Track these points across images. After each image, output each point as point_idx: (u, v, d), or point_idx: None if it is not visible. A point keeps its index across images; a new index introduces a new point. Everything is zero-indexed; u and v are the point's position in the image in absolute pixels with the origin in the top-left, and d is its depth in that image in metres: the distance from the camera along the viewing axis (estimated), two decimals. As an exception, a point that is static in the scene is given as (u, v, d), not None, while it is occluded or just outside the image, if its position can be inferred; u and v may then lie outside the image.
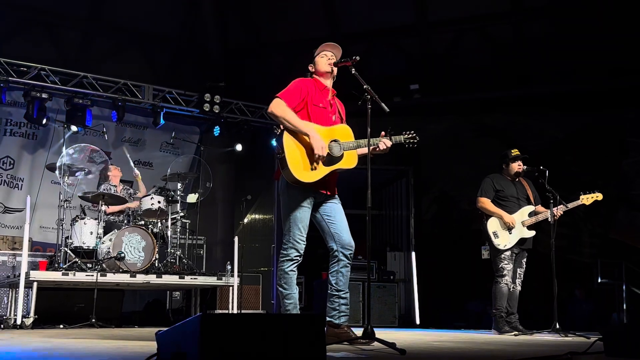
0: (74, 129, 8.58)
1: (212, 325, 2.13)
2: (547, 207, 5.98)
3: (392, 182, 10.40)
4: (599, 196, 5.89)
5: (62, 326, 6.37)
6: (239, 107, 9.88)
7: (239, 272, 7.51)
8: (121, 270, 6.70)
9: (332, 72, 4.07)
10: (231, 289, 7.51)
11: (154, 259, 7.00)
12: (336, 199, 4.06)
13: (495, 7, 9.66)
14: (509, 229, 5.97)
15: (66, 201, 7.04)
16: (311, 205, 3.94)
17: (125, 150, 8.57)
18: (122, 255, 6.69)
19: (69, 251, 6.83)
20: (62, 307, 7.05)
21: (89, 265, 6.67)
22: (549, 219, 5.90)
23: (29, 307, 6.34)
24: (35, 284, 6.27)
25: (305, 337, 2.30)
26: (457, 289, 8.98)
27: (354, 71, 3.94)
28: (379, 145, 3.97)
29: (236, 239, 7.78)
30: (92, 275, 6.44)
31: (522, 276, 6.08)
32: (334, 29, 10.19)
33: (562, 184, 6.19)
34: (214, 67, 10.35)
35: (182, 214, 7.95)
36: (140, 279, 6.74)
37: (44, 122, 8.62)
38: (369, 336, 3.53)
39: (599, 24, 8.88)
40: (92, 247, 6.90)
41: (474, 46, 9.97)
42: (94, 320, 6.26)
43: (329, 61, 4.05)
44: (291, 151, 3.79)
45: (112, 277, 6.60)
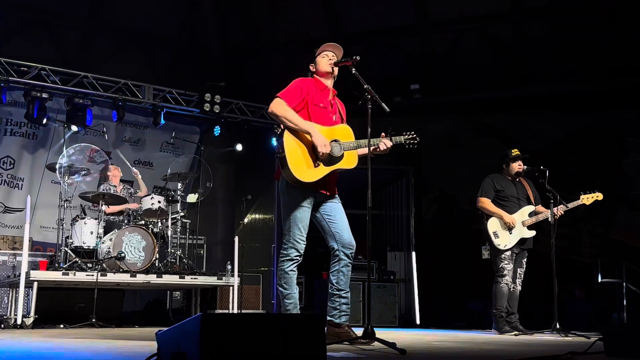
0: (74, 128, 8.58)
1: (213, 325, 2.13)
2: (548, 207, 5.98)
3: (392, 182, 10.40)
4: (599, 196, 5.89)
5: (62, 326, 6.37)
6: (239, 107, 9.88)
7: (239, 272, 7.51)
8: (121, 270, 6.70)
9: (333, 72, 4.07)
10: (231, 288, 7.52)
11: (154, 258, 7.00)
12: (336, 198, 4.06)
13: (495, 7, 9.65)
14: (509, 229, 5.97)
15: (66, 201, 7.04)
16: (311, 205, 3.94)
17: (119, 153, 8.56)
18: (123, 255, 6.70)
19: (69, 251, 6.83)
20: (63, 307, 7.06)
21: (89, 265, 6.68)
22: (549, 219, 5.91)
23: (29, 307, 6.34)
24: (35, 284, 6.28)
25: (305, 337, 2.30)
26: (458, 289, 8.97)
27: (354, 71, 3.94)
28: (380, 145, 3.97)
29: (236, 239, 7.78)
30: (93, 275, 6.44)
31: (522, 276, 6.09)
32: (334, 29, 10.18)
33: (562, 184, 6.18)
34: (214, 67, 10.34)
35: (182, 214, 7.95)
36: (140, 278, 6.75)
37: (45, 122, 8.62)
38: (370, 336, 3.53)
39: (599, 24, 8.87)
40: (92, 247, 6.91)
41: (474, 46, 9.96)
42: (94, 320, 6.27)
43: (330, 61, 4.05)
44: (291, 150, 3.79)
45: (112, 277, 6.61)
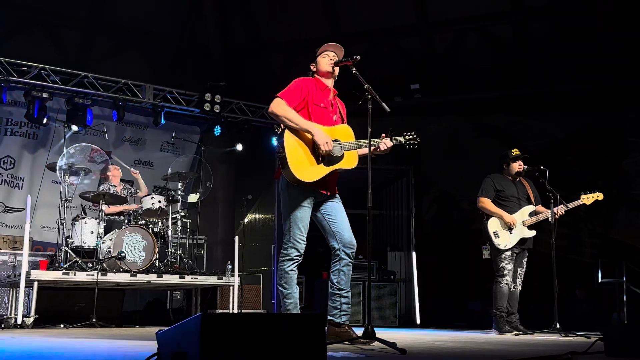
0: (74, 128, 8.57)
1: (213, 324, 2.13)
2: (548, 207, 5.98)
3: (392, 182, 10.40)
4: (599, 196, 5.89)
5: (62, 326, 6.37)
6: (240, 106, 9.88)
7: (239, 271, 7.51)
8: (122, 269, 6.70)
9: (334, 72, 4.07)
10: (232, 288, 7.52)
11: (154, 258, 7.00)
12: (337, 198, 4.06)
13: (495, 7, 9.64)
14: (509, 229, 5.97)
15: (67, 201, 7.04)
16: (311, 204, 3.94)
17: (115, 157, 8.54)
18: (123, 254, 6.70)
19: (70, 251, 6.83)
20: (63, 307, 7.06)
21: (90, 264, 6.68)
22: (549, 219, 5.91)
23: (30, 307, 6.33)
24: (35, 284, 6.28)
25: (305, 337, 2.30)
26: (458, 289, 8.98)
27: (354, 71, 3.94)
28: (380, 145, 3.97)
29: (237, 239, 7.78)
30: (93, 274, 6.44)
31: (522, 276, 6.08)
32: (334, 29, 10.18)
33: (562, 184, 6.18)
34: (214, 67, 10.34)
35: (182, 214, 7.95)
36: (140, 278, 6.74)
37: (45, 121, 8.62)
38: (370, 336, 3.53)
39: (599, 24, 8.87)
40: (92, 247, 6.91)
41: (474, 46, 9.96)
42: (94, 319, 6.27)
43: (330, 61, 4.05)
44: (292, 150, 3.79)
45: (112, 277, 6.61)
